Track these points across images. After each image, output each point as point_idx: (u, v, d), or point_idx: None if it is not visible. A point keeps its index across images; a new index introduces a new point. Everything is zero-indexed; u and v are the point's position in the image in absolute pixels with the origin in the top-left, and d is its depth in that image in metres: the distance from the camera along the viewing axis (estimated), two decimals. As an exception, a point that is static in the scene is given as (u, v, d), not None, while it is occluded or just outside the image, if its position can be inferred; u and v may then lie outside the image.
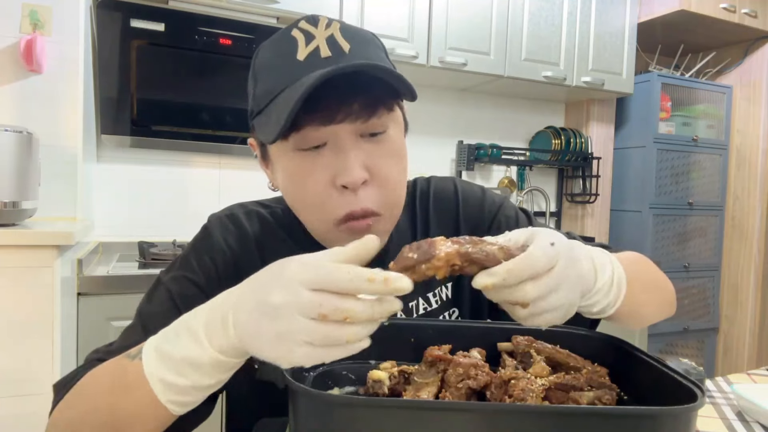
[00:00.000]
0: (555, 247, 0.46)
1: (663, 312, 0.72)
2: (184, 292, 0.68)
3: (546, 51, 2.54)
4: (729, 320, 3.12)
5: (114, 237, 2.10)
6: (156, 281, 0.73)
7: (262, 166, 0.74)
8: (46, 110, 1.66)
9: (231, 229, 0.73)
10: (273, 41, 0.67)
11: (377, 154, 0.64)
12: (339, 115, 0.61)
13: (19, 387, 1.35)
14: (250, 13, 2.07)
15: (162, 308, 0.68)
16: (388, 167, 0.65)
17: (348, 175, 0.61)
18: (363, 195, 0.63)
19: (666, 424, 0.42)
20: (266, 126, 0.62)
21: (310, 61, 0.61)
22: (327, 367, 0.61)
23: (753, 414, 0.87)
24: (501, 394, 0.51)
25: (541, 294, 0.45)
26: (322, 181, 0.63)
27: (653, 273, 0.72)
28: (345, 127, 0.62)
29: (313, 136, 0.62)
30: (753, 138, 3.03)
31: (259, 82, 0.65)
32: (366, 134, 0.64)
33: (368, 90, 0.61)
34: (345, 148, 0.62)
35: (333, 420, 0.42)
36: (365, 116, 0.62)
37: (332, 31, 0.63)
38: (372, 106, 0.62)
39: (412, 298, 0.75)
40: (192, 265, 0.71)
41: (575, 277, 0.47)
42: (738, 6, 2.80)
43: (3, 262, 1.32)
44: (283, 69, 0.62)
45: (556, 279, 0.45)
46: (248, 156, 2.27)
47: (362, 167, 0.62)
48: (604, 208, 2.97)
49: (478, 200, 0.83)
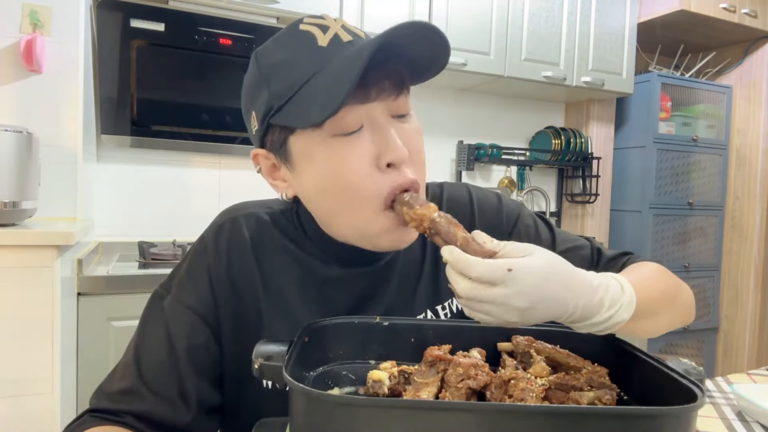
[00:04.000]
0: (510, 274, 0.49)
1: (675, 324, 0.71)
2: (180, 328, 0.68)
3: (546, 51, 2.54)
4: (729, 320, 3.12)
5: (114, 237, 2.10)
6: (153, 300, 0.72)
7: (269, 179, 0.71)
8: (46, 110, 1.66)
9: (227, 237, 0.72)
10: (277, 41, 0.66)
11: (408, 132, 0.65)
12: (373, 92, 0.61)
13: (19, 387, 1.35)
14: (250, 13, 2.07)
15: (157, 348, 0.68)
16: (419, 144, 0.66)
17: (394, 151, 0.61)
18: (405, 170, 0.63)
19: (666, 424, 0.42)
20: (307, 110, 0.59)
21: (335, 46, 0.62)
22: (327, 367, 0.61)
23: (753, 414, 0.87)
24: (501, 394, 0.51)
25: (473, 297, 0.50)
26: (365, 162, 0.61)
27: (669, 292, 0.70)
28: (379, 106, 0.62)
29: (351, 119, 0.61)
30: (753, 138, 3.03)
31: (275, 79, 0.63)
32: (395, 115, 0.64)
33: (395, 68, 0.62)
34: (384, 127, 0.62)
35: (333, 420, 0.42)
36: (395, 93, 0.63)
37: (342, 22, 0.65)
38: (400, 84, 0.63)
39: (420, 312, 0.75)
40: (188, 288, 0.70)
41: (522, 309, 0.50)
42: (738, 6, 2.79)
43: (3, 262, 1.32)
44: (305, 58, 0.62)
45: (491, 296, 0.49)
46: (248, 156, 2.25)
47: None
48: (604, 208, 2.97)
49: (495, 209, 0.81)
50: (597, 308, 0.54)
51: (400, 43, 0.59)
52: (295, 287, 0.71)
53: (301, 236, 0.74)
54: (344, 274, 0.72)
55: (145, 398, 0.65)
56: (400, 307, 0.73)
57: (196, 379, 0.67)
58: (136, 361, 0.67)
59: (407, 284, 0.75)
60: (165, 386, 0.66)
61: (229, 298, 0.70)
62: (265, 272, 0.71)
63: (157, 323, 0.69)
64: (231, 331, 0.70)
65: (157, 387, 0.66)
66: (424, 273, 0.76)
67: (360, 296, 0.73)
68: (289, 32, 0.65)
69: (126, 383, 0.66)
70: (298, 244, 0.73)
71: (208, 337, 0.69)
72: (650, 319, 0.63)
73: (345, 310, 0.71)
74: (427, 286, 0.76)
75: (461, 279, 0.51)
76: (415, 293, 0.75)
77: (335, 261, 0.72)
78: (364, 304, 0.73)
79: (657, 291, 0.67)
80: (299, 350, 0.54)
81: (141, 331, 0.70)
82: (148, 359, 0.67)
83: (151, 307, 0.71)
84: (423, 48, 0.60)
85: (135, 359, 0.68)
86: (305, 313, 0.70)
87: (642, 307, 0.58)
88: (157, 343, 0.68)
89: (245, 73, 0.72)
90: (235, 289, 0.70)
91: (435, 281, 0.76)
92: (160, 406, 0.65)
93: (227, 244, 0.72)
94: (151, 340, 0.69)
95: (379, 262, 0.73)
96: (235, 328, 0.70)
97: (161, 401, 0.65)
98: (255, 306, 0.70)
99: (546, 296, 0.51)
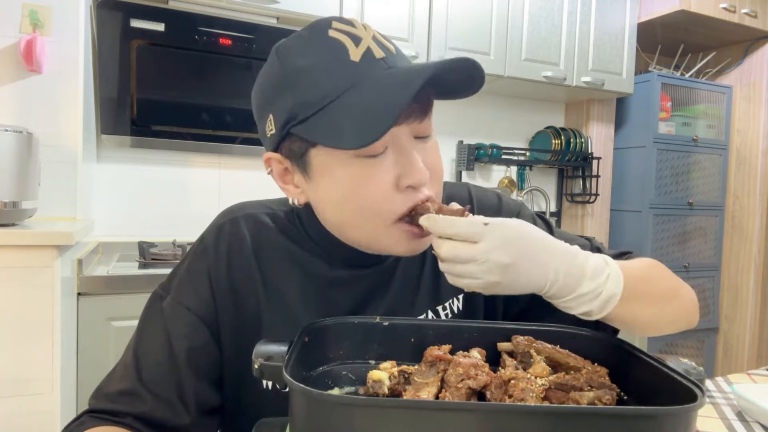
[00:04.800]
0: (487, 227, 0.53)
1: (679, 323, 0.71)
2: (179, 329, 0.68)
3: (546, 51, 2.54)
4: (729, 320, 3.12)
5: (114, 237, 2.10)
6: (153, 301, 0.72)
7: (280, 182, 0.69)
8: (46, 110, 1.66)
9: (227, 239, 0.72)
10: (306, 43, 0.63)
11: (429, 153, 0.65)
12: (402, 116, 0.60)
13: (19, 387, 1.35)
14: (250, 13, 2.07)
15: (156, 349, 0.68)
16: (439, 161, 0.67)
17: (415, 175, 0.61)
18: (424, 190, 0.63)
19: (666, 424, 0.42)
20: (341, 130, 0.57)
21: (367, 63, 0.60)
22: (327, 367, 0.61)
23: (753, 414, 0.87)
24: (501, 394, 0.51)
25: (455, 257, 0.54)
26: (386, 184, 0.61)
27: (666, 284, 0.70)
28: (404, 129, 0.62)
29: (378, 143, 0.59)
30: (753, 138, 3.03)
31: (302, 87, 0.60)
32: (419, 136, 0.64)
33: (425, 93, 0.61)
34: (407, 149, 0.62)
35: (333, 420, 0.42)
36: (422, 117, 0.63)
37: (373, 32, 0.63)
38: (426, 107, 0.63)
39: (420, 312, 0.75)
40: (188, 290, 0.70)
41: (502, 265, 0.53)
42: (738, 6, 2.79)
43: (3, 262, 1.32)
44: (337, 71, 0.60)
45: (472, 252, 0.53)
46: (248, 156, 2.27)
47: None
48: (604, 208, 2.97)
49: (495, 208, 0.82)
50: (579, 276, 0.55)
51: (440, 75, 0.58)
52: (295, 288, 0.71)
53: (303, 237, 0.73)
54: (348, 275, 0.72)
55: (145, 400, 0.65)
56: (401, 307, 0.73)
57: (195, 380, 0.67)
58: (136, 363, 0.67)
59: (408, 284, 0.75)
60: (164, 388, 0.66)
61: (229, 299, 0.70)
62: (266, 273, 0.71)
63: (156, 324, 0.69)
64: (231, 332, 0.70)
65: (157, 389, 0.66)
66: (425, 273, 0.76)
67: (362, 297, 0.73)
68: (317, 36, 0.62)
69: (125, 384, 0.66)
70: (299, 245, 0.73)
71: (207, 339, 0.69)
72: (648, 307, 0.63)
73: (346, 310, 0.71)
74: (427, 287, 0.76)
75: (442, 242, 0.55)
76: (416, 294, 0.75)
77: (339, 262, 0.72)
78: (366, 305, 0.72)
79: (654, 278, 0.68)
80: (299, 350, 0.54)
81: (140, 332, 0.70)
82: (147, 361, 0.67)
83: (150, 308, 0.71)
84: (458, 77, 0.60)
85: (134, 360, 0.68)
86: (306, 313, 0.70)
87: (635, 289, 0.59)
88: (157, 344, 0.68)
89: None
90: (235, 290, 0.70)
91: (436, 282, 0.76)
92: (160, 407, 0.65)
93: (227, 246, 0.71)
94: (150, 341, 0.69)
95: (383, 263, 0.74)
96: (235, 329, 0.70)
97: (160, 403, 0.65)
98: (255, 307, 0.70)
99: (525, 253, 0.54)
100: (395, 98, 0.54)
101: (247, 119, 2.06)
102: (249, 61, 2.03)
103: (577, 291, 0.55)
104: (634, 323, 0.62)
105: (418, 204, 0.62)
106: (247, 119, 2.06)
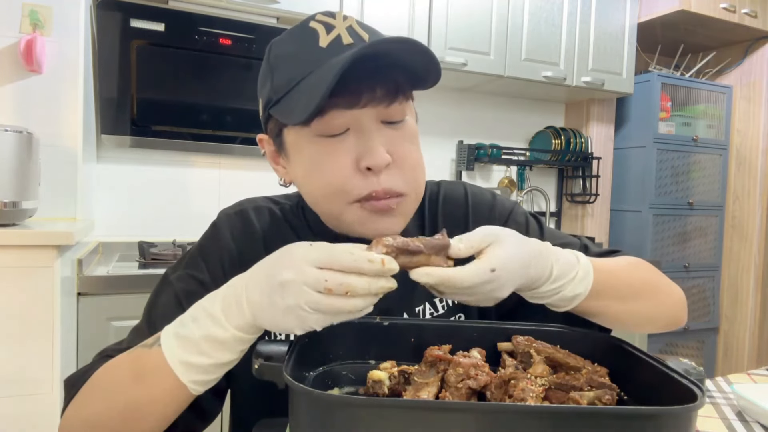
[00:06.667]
0: (494, 273, 0.52)
1: (656, 320, 0.71)
2: (189, 290, 0.69)
3: (546, 51, 2.53)
4: (729, 320, 3.12)
5: (114, 237, 2.10)
6: (163, 278, 0.74)
7: (272, 163, 0.74)
8: (46, 110, 1.66)
9: (239, 227, 0.74)
10: (290, 34, 0.68)
11: (398, 139, 0.65)
12: (363, 99, 0.62)
13: (19, 387, 1.35)
14: (250, 13, 2.07)
15: (167, 307, 0.68)
16: (409, 151, 0.67)
17: (372, 157, 0.62)
18: (385, 177, 0.64)
19: (666, 424, 0.42)
20: (292, 109, 0.62)
21: (333, 48, 0.63)
22: (327, 367, 0.61)
23: (753, 414, 0.87)
24: (501, 394, 0.51)
25: (465, 301, 0.55)
26: (345, 164, 0.63)
27: (643, 281, 0.70)
28: (368, 112, 0.63)
29: (337, 122, 0.62)
30: (753, 138, 3.03)
31: (278, 72, 0.65)
32: (387, 121, 0.65)
33: (390, 76, 0.63)
34: (368, 131, 0.63)
35: (333, 420, 0.42)
36: (387, 101, 0.63)
37: (350, 23, 0.66)
38: (393, 92, 0.64)
39: (418, 303, 0.75)
40: (199, 264, 0.72)
41: (504, 294, 0.55)
42: (738, 6, 2.79)
43: (3, 262, 1.32)
44: (305, 56, 0.64)
45: (481, 291, 0.53)
46: (248, 156, 2.27)
47: (385, 151, 0.63)
48: (604, 208, 2.97)
49: (488, 205, 0.83)
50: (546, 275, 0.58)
51: (393, 53, 0.60)
52: None
53: (306, 231, 0.76)
54: None
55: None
56: (400, 299, 0.73)
57: None
58: (149, 325, 0.68)
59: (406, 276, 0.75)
60: None
61: None
62: None
63: (168, 292, 0.70)
64: None
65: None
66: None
67: None
68: (300, 27, 0.67)
69: (139, 339, 0.64)
70: (302, 237, 0.74)
71: None
72: (619, 303, 0.65)
73: None
74: None
75: (444, 292, 0.55)
76: (415, 285, 0.75)
77: None
78: None
79: (628, 276, 0.69)
80: (299, 350, 0.54)
81: (152, 301, 0.72)
82: (161, 322, 0.66)
83: (161, 284, 0.73)
84: (421, 60, 0.61)
85: (147, 323, 0.69)
86: None
87: (606, 284, 0.61)
88: (169, 307, 0.68)
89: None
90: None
91: None
92: None
93: (240, 233, 0.74)
94: (163, 306, 0.69)
95: None
96: None
97: None
98: None
99: (524, 273, 0.56)
100: (330, 76, 0.56)
101: (247, 119, 2.07)
102: (249, 61, 2.03)
103: (542, 288, 0.58)
104: (605, 317, 0.65)
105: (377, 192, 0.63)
106: (247, 119, 2.07)
